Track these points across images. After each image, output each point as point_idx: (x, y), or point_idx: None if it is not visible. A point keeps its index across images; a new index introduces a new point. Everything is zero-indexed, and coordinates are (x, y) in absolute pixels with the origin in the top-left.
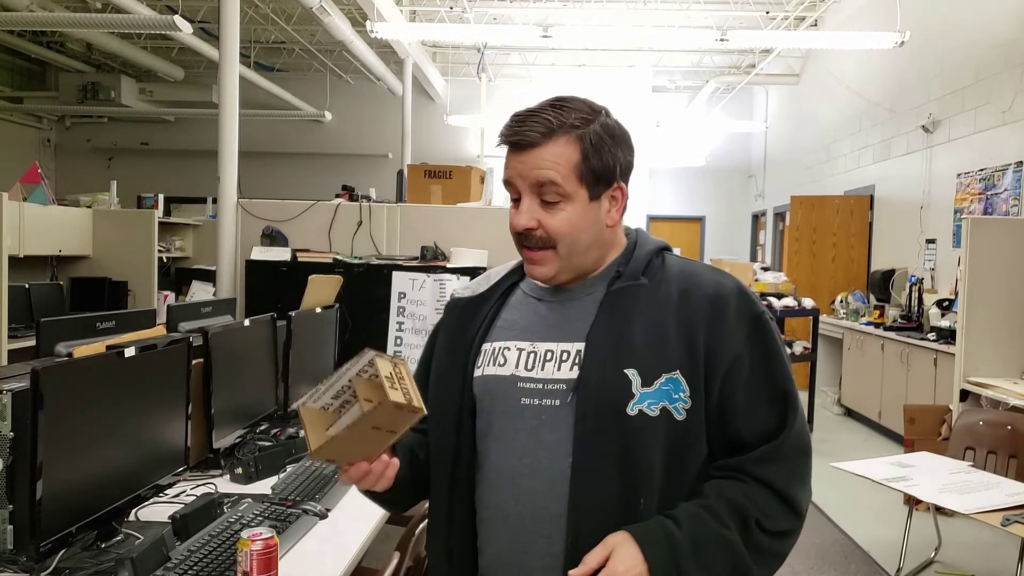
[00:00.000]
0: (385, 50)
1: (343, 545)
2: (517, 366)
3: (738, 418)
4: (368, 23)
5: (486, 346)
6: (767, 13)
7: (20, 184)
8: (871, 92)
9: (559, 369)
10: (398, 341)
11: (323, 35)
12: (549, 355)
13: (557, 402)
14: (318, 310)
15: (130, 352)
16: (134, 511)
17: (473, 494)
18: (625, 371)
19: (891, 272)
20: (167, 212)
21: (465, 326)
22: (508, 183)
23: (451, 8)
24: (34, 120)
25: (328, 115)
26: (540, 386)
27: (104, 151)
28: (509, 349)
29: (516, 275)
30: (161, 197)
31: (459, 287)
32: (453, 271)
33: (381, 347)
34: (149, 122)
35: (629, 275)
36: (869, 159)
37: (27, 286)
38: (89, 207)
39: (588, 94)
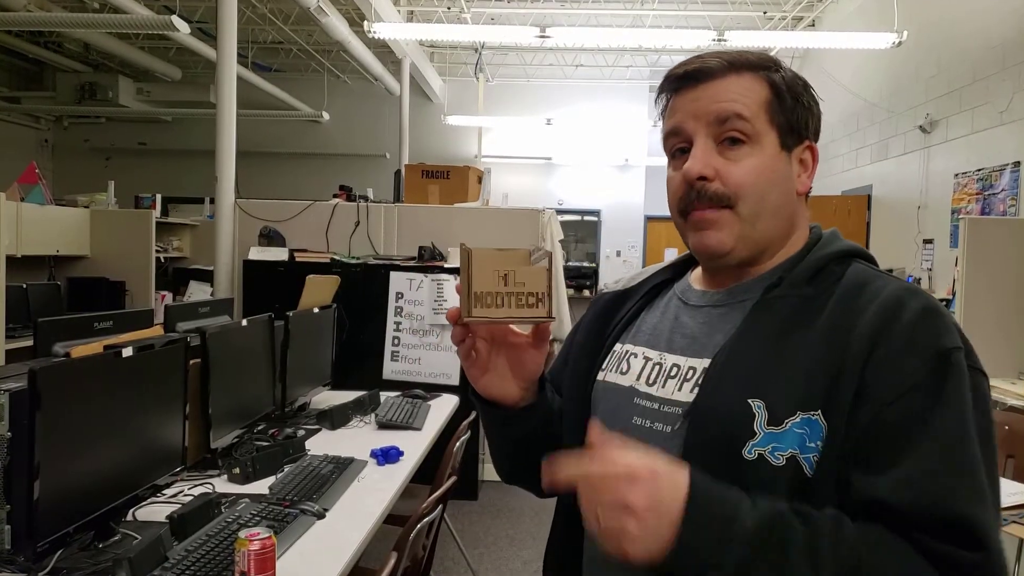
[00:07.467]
0: (383, 50)
1: (340, 545)
2: (639, 377)
3: (872, 485)
4: (366, 23)
5: (617, 347)
6: (764, 13)
7: (18, 184)
8: (868, 92)
9: (680, 389)
10: (396, 341)
11: (321, 35)
12: (675, 370)
13: (668, 428)
14: (316, 310)
15: (127, 352)
16: (132, 511)
17: None
18: (749, 400)
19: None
20: (164, 212)
21: (604, 322)
22: (674, 132)
23: (449, 8)
24: (31, 120)
25: (326, 115)
26: (656, 406)
27: (101, 151)
28: (636, 356)
29: (670, 272)
30: (159, 197)
31: (610, 280)
32: (450, 271)
33: (379, 347)
34: (146, 122)
35: (791, 282)
36: (867, 159)
37: (24, 286)
38: (87, 207)
39: (585, 94)
